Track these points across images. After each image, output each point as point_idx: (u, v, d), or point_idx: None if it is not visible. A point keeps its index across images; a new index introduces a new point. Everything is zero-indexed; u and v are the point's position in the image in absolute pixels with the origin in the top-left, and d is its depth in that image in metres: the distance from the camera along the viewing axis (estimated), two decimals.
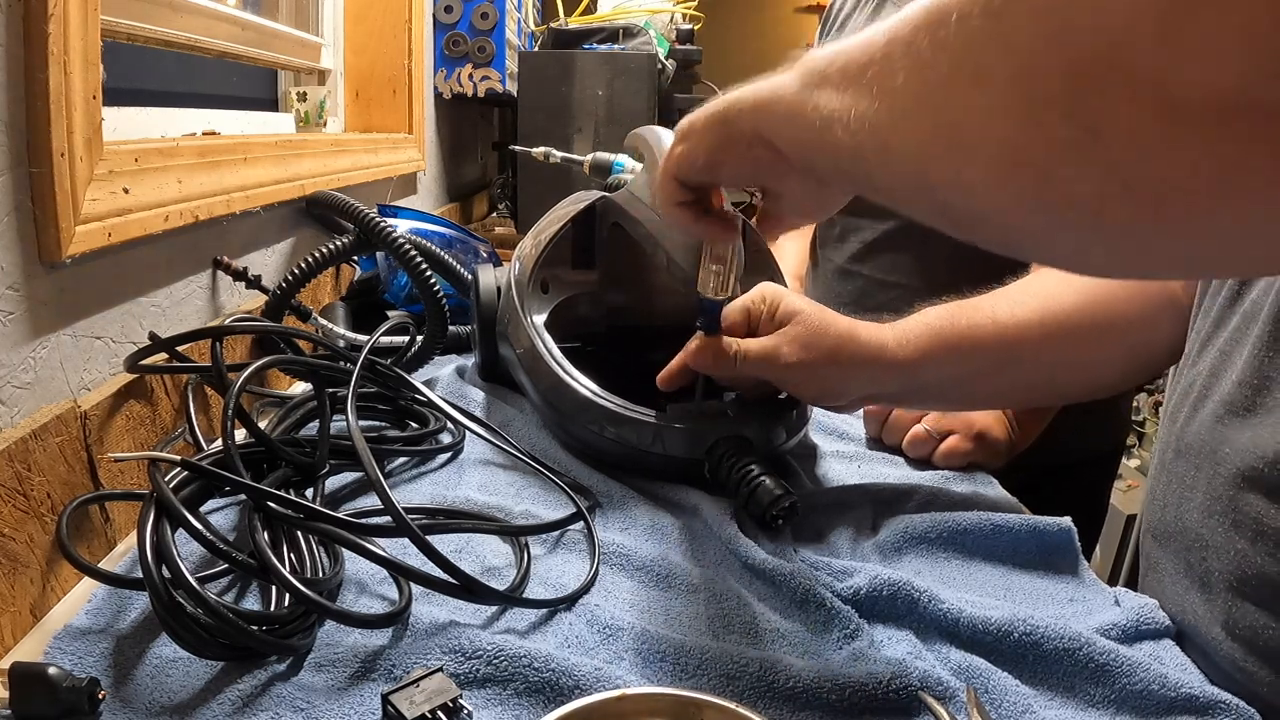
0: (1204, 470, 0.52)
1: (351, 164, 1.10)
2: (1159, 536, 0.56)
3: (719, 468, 0.61)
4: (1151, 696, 0.44)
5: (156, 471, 0.44)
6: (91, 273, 0.55)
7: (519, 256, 0.78)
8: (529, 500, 0.61)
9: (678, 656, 0.44)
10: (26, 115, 0.47)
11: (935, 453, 0.73)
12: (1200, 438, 0.53)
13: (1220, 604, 0.49)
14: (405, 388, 0.68)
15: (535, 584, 0.51)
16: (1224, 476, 0.50)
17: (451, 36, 1.64)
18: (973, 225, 0.34)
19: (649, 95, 1.63)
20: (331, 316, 0.86)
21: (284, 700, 0.39)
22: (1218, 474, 0.50)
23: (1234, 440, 0.50)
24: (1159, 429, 0.60)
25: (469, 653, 0.42)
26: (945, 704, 0.41)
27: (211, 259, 0.74)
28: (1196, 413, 0.54)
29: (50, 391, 0.51)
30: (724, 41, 4.13)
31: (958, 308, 0.65)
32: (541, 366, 0.68)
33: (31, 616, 0.46)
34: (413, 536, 0.45)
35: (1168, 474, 0.56)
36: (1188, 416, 0.55)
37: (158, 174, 0.61)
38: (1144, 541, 0.60)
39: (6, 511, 0.44)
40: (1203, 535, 0.51)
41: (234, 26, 0.99)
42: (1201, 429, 0.53)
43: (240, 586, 0.49)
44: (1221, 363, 0.53)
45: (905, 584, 0.50)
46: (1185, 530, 0.53)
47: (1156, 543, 0.57)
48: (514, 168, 1.91)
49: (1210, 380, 0.53)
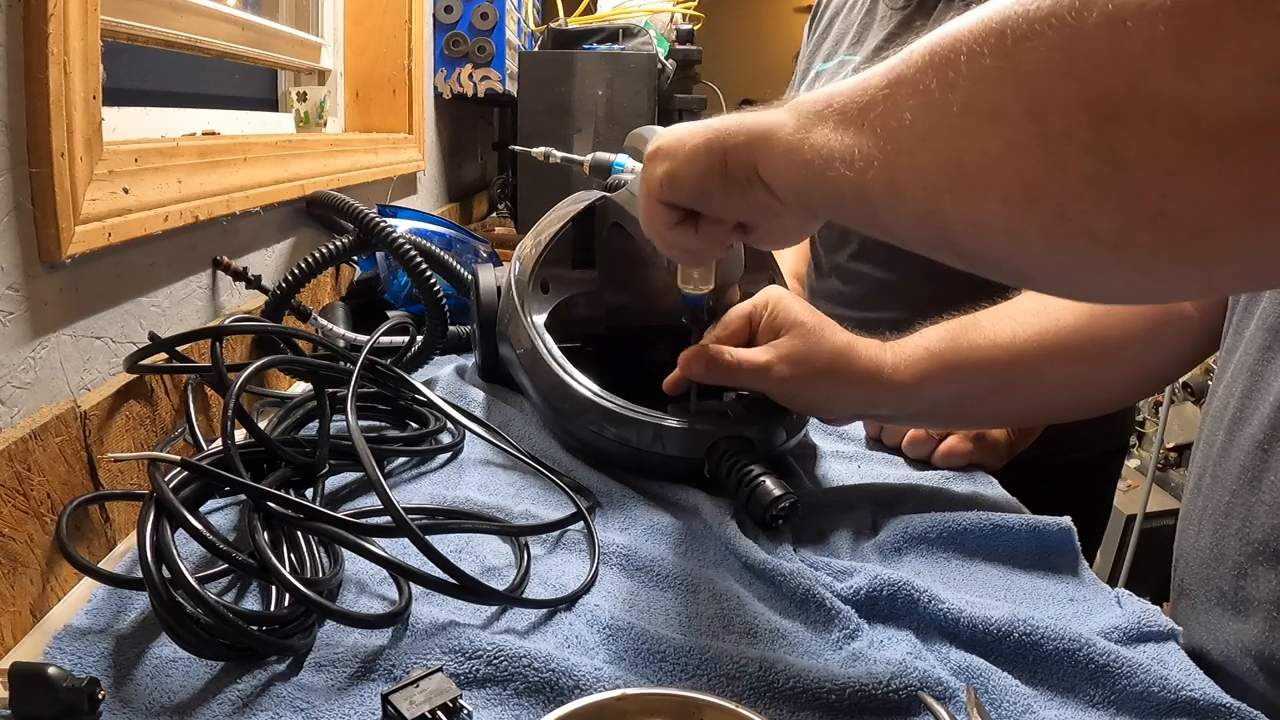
0: (1241, 498, 0.50)
1: (351, 164, 1.10)
2: (1194, 563, 0.55)
3: (719, 468, 0.61)
4: (1152, 698, 0.44)
5: (156, 471, 0.44)
6: (91, 273, 0.55)
7: (519, 256, 0.78)
8: (529, 500, 0.61)
9: (678, 656, 0.44)
10: (26, 115, 0.47)
11: (935, 453, 0.73)
12: (1240, 464, 0.51)
13: (1255, 635, 0.48)
14: (405, 388, 0.68)
15: (535, 584, 0.51)
16: (1266, 505, 0.48)
17: (451, 36, 1.64)
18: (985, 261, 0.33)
19: (649, 95, 1.63)
20: (331, 316, 0.86)
21: (284, 700, 0.39)
22: (1259, 502, 0.49)
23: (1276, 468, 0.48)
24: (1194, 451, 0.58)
25: (469, 653, 0.42)
26: (945, 704, 0.41)
27: (211, 259, 0.74)
28: (1234, 437, 0.52)
29: (50, 391, 0.51)
30: (724, 41, 4.13)
31: (958, 327, 0.64)
32: (541, 366, 0.68)
33: (31, 616, 0.46)
34: (413, 536, 0.45)
35: (1204, 499, 0.54)
36: (1225, 442, 0.53)
37: (158, 174, 0.61)
38: (1177, 567, 0.58)
39: (6, 511, 0.44)
40: (1240, 564, 0.50)
41: (234, 26, 0.99)
42: (1241, 455, 0.51)
43: (240, 586, 0.49)
44: (1254, 384, 0.52)
45: (905, 584, 0.50)
46: (1222, 558, 0.51)
47: (1190, 569, 0.55)
48: (514, 168, 1.91)
49: (1244, 402, 0.52)
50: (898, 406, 0.64)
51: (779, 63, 4.66)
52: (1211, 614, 0.52)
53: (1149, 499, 2.24)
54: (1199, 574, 0.54)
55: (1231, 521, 0.51)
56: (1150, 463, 2.28)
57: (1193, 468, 0.58)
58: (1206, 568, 0.53)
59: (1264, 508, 0.49)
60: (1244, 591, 0.49)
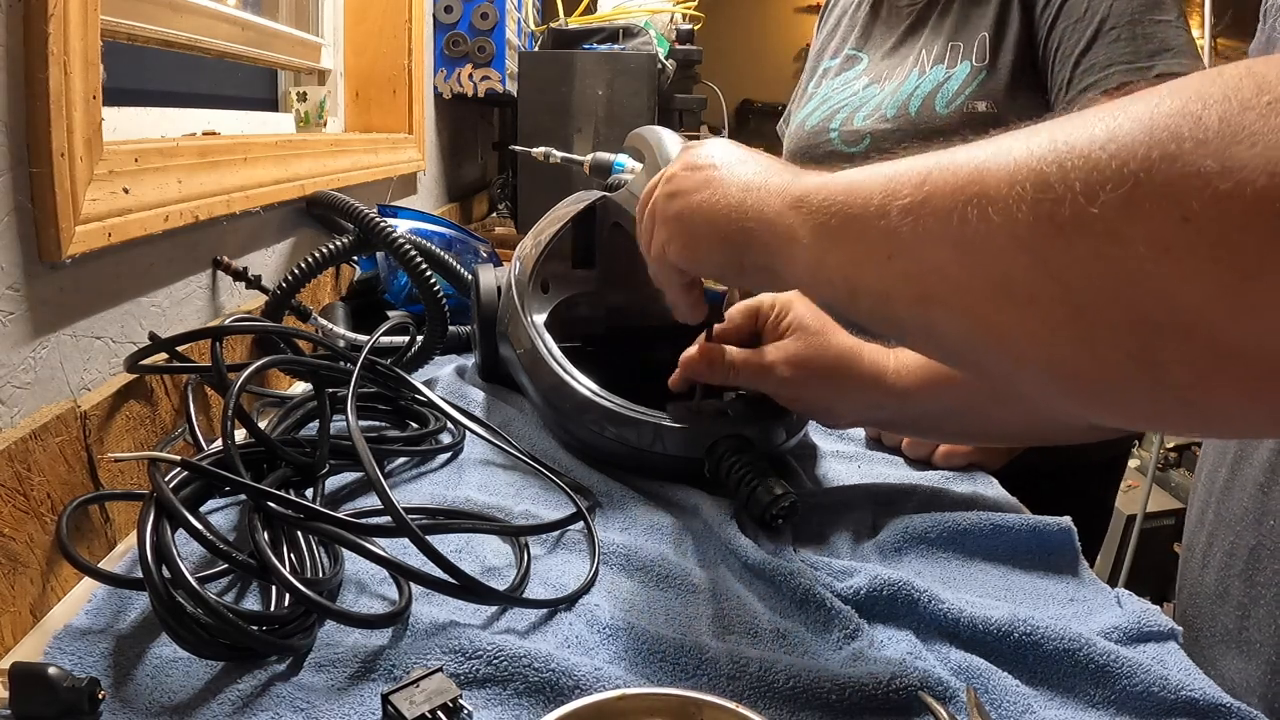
0: (1245, 538, 0.50)
1: (351, 164, 1.10)
2: (1198, 598, 0.54)
3: (719, 468, 0.61)
4: (1152, 698, 0.44)
5: (156, 471, 0.44)
6: (91, 273, 0.55)
7: (519, 256, 0.78)
8: (529, 500, 0.61)
9: (678, 656, 0.44)
10: (26, 115, 0.47)
11: (935, 453, 0.73)
12: (1243, 505, 0.51)
13: (1260, 677, 0.48)
14: (405, 388, 0.68)
15: (535, 584, 0.51)
16: (1269, 548, 0.48)
17: (451, 36, 1.64)
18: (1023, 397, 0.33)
19: (649, 95, 1.63)
20: (331, 316, 0.86)
21: (284, 700, 0.39)
22: (1262, 544, 0.49)
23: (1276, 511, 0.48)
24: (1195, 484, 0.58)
25: (469, 653, 0.42)
26: (945, 704, 0.41)
27: (211, 259, 0.74)
28: (1235, 476, 0.52)
29: (50, 391, 0.51)
30: (724, 41, 4.13)
31: None
32: (542, 366, 0.68)
33: (31, 616, 0.46)
34: (413, 536, 0.45)
35: (1208, 535, 0.54)
36: (1227, 480, 0.53)
37: (158, 174, 0.61)
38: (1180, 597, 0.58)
39: (6, 511, 0.44)
40: (1244, 604, 0.49)
41: (234, 26, 0.99)
42: (1244, 496, 0.51)
43: (240, 586, 0.49)
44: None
45: (905, 584, 0.50)
46: (1227, 595, 0.51)
47: (1195, 604, 0.55)
48: (514, 168, 1.91)
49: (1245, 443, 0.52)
50: (896, 411, 0.64)
51: (779, 63, 4.66)
52: (1215, 649, 0.51)
53: (1149, 499, 2.24)
54: (1204, 609, 0.53)
55: (1235, 562, 0.51)
56: (1150, 463, 2.28)
57: (1194, 500, 0.57)
58: (1212, 604, 0.53)
59: (1267, 551, 0.48)
60: (1247, 633, 0.49)
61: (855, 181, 0.35)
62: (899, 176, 0.32)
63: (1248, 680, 0.48)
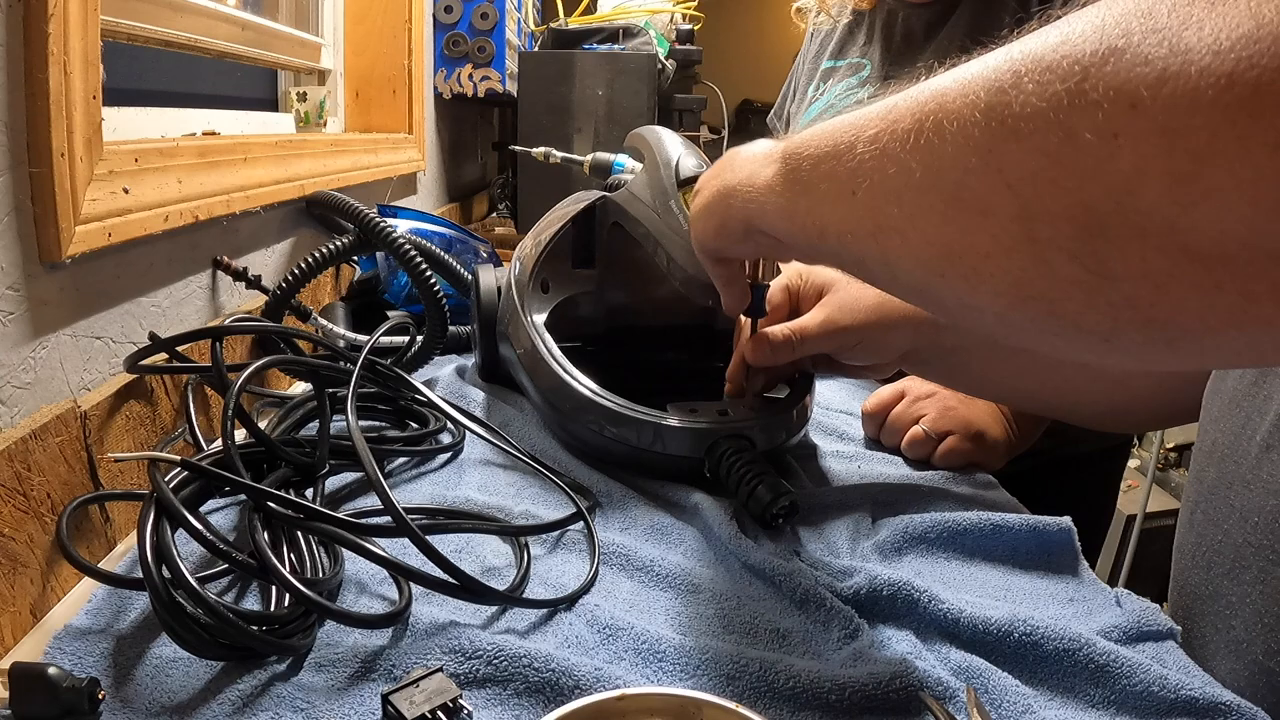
0: (1232, 536, 0.50)
1: (351, 164, 1.10)
2: (1190, 597, 0.54)
3: (719, 467, 0.61)
4: (1152, 698, 0.44)
5: (156, 471, 0.44)
6: (91, 273, 0.55)
7: (519, 256, 0.78)
8: (529, 500, 0.61)
9: (678, 656, 0.44)
10: (27, 115, 0.47)
11: (935, 453, 0.73)
12: (1229, 504, 0.51)
13: (1247, 673, 0.48)
14: (405, 388, 0.68)
15: (535, 584, 0.51)
16: (1254, 547, 0.48)
17: (451, 36, 1.64)
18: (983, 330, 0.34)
19: (649, 95, 1.63)
20: (331, 316, 0.86)
21: (284, 700, 0.39)
22: (1247, 542, 0.49)
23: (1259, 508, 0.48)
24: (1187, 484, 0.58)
25: (469, 653, 0.42)
26: (945, 704, 0.41)
27: (211, 259, 0.74)
28: (1222, 474, 0.52)
29: (50, 391, 0.51)
30: (724, 41, 4.13)
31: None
32: (542, 366, 0.68)
33: (31, 616, 0.46)
34: (413, 536, 0.45)
35: (1197, 535, 0.54)
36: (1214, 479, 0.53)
37: (158, 174, 0.61)
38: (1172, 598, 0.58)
39: (6, 511, 0.44)
40: (1232, 604, 0.49)
41: (234, 26, 0.99)
42: (1229, 493, 0.51)
43: (240, 586, 0.49)
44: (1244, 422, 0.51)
45: (905, 584, 0.50)
46: (1216, 594, 0.51)
47: (1187, 604, 0.55)
48: (514, 168, 1.91)
49: (1234, 440, 0.52)
50: (931, 339, 0.65)
51: (779, 63, 4.64)
52: (1207, 649, 0.51)
53: (1149, 499, 2.24)
54: (1195, 609, 0.54)
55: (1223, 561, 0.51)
56: (1150, 463, 2.28)
57: (1185, 501, 0.57)
58: (1202, 604, 0.53)
59: (1251, 550, 0.48)
60: (1235, 632, 0.49)
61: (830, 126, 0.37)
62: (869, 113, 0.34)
63: (1237, 681, 0.48)
